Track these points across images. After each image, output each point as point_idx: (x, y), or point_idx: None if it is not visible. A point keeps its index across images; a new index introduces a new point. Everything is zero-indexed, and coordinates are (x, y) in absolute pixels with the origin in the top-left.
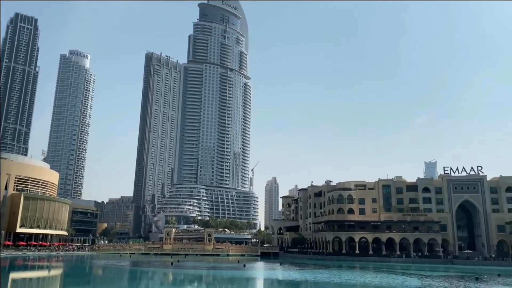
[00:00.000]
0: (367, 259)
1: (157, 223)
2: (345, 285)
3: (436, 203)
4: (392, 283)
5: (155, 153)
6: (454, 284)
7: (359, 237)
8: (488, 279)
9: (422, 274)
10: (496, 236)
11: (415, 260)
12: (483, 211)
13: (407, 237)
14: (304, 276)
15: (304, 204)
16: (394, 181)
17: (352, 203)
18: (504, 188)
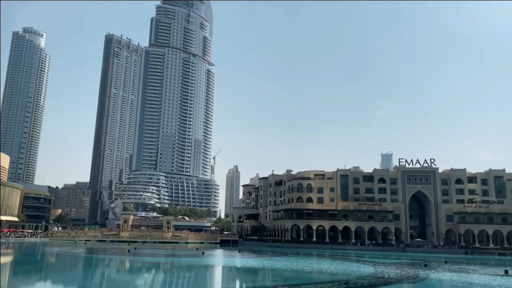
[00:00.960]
0: (323, 247)
1: (114, 210)
2: (302, 272)
3: (390, 193)
4: (347, 270)
5: (113, 138)
6: (405, 271)
7: (316, 225)
8: (436, 266)
9: (375, 261)
10: (445, 226)
11: (369, 248)
12: (434, 201)
13: (362, 225)
14: (262, 263)
15: (265, 193)
16: (351, 171)
17: (311, 192)
18: (454, 180)
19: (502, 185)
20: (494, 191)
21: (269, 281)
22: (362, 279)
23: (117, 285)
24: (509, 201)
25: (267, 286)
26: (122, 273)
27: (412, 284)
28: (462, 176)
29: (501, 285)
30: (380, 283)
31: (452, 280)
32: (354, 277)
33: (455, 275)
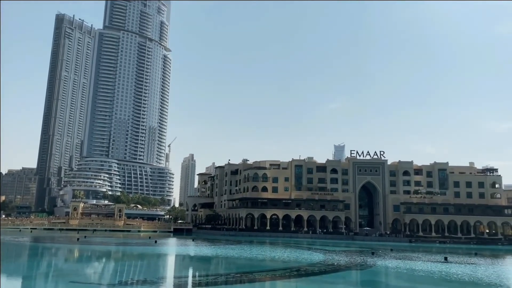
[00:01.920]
0: (277, 235)
1: (63, 197)
2: (255, 260)
3: (342, 183)
4: (299, 257)
5: (63, 123)
6: (353, 258)
7: (270, 214)
8: (383, 253)
9: (326, 249)
10: (392, 215)
11: (320, 236)
12: (382, 192)
13: (314, 214)
14: (215, 252)
15: (220, 182)
16: (306, 162)
17: (266, 181)
18: (401, 172)
19: (445, 177)
20: (437, 183)
21: (222, 269)
22: (313, 266)
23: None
24: (451, 192)
25: (220, 274)
26: (70, 262)
27: (360, 271)
28: (409, 168)
29: (441, 271)
30: (330, 270)
31: (397, 267)
32: (305, 264)
33: (400, 262)
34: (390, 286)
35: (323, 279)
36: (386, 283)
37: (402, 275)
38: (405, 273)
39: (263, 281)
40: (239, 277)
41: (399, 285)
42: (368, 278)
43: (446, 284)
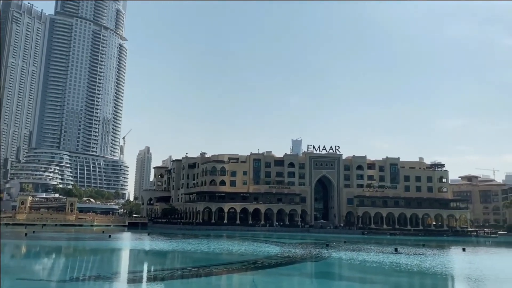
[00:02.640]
0: (234, 228)
1: (9, 191)
2: (212, 253)
3: (299, 177)
4: (256, 250)
5: (10, 112)
6: (309, 250)
7: (228, 207)
8: (337, 245)
9: (282, 241)
10: (346, 208)
11: (277, 229)
12: (337, 185)
13: (271, 207)
14: (171, 246)
15: (177, 175)
16: (264, 155)
17: (225, 175)
18: (355, 166)
19: (396, 172)
20: (389, 177)
21: (179, 263)
22: (270, 258)
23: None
24: (401, 186)
25: (176, 268)
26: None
27: (315, 262)
28: (363, 163)
29: (392, 262)
30: (286, 262)
31: (350, 258)
32: (262, 257)
33: (353, 254)
34: (344, 277)
35: (280, 271)
36: (340, 274)
37: (355, 266)
38: (358, 264)
39: (220, 275)
40: (195, 271)
41: (352, 276)
42: (322, 269)
43: (396, 275)
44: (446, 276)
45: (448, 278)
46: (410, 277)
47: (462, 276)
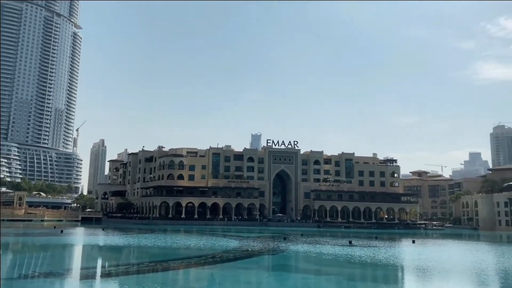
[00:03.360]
0: (192, 223)
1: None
2: (169, 248)
3: (258, 171)
4: (214, 245)
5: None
6: (266, 243)
7: (186, 202)
8: (294, 238)
9: (240, 235)
10: (303, 202)
11: (235, 223)
12: (295, 180)
13: (230, 202)
14: (127, 241)
15: (134, 169)
16: (223, 150)
17: (183, 169)
18: (313, 161)
19: (351, 167)
20: (344, 171)
21: (134, 258)
22: (228, 252)
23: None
24: (356, 181)
25: (132, 264)
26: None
27: (272, 255)
28: (320, 158)
29: (346, 254)
30: (244, 256)
31: (307, 251)
32: (220, 251)
33: (310, 247)
34: (301, 269)
35: (238, 264)
36: (297, 266)
37: (312, 259)
38: (314, 257)
39: (177, 269)
40: (152, 266)
41: (308, 268)
42: (280, 262)
43: (350, 266)
44: (398, 267)
45: (399, 269)
46: (363, 269)
47: (412, 267)
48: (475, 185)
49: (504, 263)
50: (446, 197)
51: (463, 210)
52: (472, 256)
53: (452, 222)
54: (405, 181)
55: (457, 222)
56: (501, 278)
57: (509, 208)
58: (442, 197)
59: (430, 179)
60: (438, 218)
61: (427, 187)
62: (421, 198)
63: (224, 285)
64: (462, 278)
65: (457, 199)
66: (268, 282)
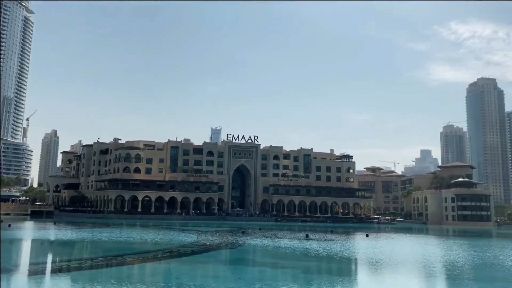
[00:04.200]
0: (149, 217)
1: None
2: (125, 242)
3: (217, 166)
4: (171, 239)
5: None
6: (225, 238)
7: (142, 195)
8: (252, 232)
9: (198, 230)
10: (262, 196)
11: (193, 217)
12: (254, 174)
13: (188, 196)
14: (80, 235)
15: (88, 161)
16: (182, 143)
17: (140, 162)
18: (272, 156)
19: (309, 162)
20: (303, 167)
21: (87, 253)
22: (185, 247)
23: None
24: (313, 176)
25: (85, 259)
26: None
27: (230, 250)
28: (279, 153)
29: (303, 247)
30: (202, 250)
31: (265, 245)
32: (178, 245)
33: (267, 240)
34: (258, 262)
35: (195, 259)
36: (254, 260)
37: (269, 252)
38: (272, 251)
39: (133, 264)
40: (107, 261)
41: (266, 262)
42: (238, 256)
43: (307, 259)
44: (352, 260)
45: (353, 262)
46: (319, 262)
47: (366, 260)
48: (425, 182)
49: (451, 256)
50: (398, 193)
51: (414, 205)
52: (422, 249)
53: (403, 217)
54: (360, 177)
55: (408, 217)
56: (447, 269)
57: (455, 204)
58: (394, 193)
59: (383, 175)
60: (391, 213)
61: (381, 183)
62: (375, 194)
63: (182, 279)
64: (412, 269)
65: (408, 194)
66: (225, 276)
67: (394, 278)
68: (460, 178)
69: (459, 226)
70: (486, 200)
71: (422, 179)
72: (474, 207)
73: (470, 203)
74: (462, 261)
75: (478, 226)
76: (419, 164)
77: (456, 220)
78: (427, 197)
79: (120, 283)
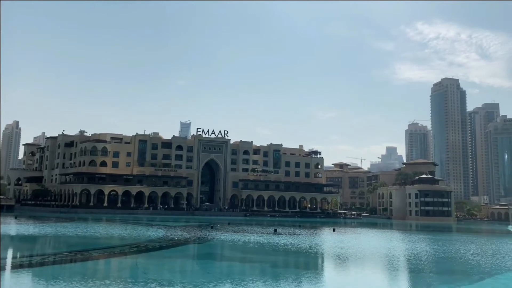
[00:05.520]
0: (115, 212)
1: None
2: (90, 237)
3: (186, 160)
4: (138, 234)
5: None
6: (193, 232)
7: (109, 190)
8: (221, 227)
9: (166, 225)
10: (231, 191)
11: (161, 212)
12: (224, 169)
13: (156, 190)
14: (43, 230)
15: (52, 154)
16: (151, 137)
17: (106, 155)
18: (242, 151)
19: (278, 157)
20: (272, 162)
21: (50, 248)
22: (153, 242)
23: None
24: (283, 171)
25: (48, 254)
26: None
27: (198, 244)
28: (249, 148)
29: (271, 242)
30: (170, 245)
31: (234, 239)
32: (145, 240)
33: (236, 235)
34: (226, 257)
35: (163, 254)
36: (223, 254)
37: (238, 247)
38: (241, 245)
39: (98, 259)
40: (71, 256)
41: (234, 256)
42: (206, 251)
43: (275, 254)
44: (319, 255)
45: (320, 256)
46: (287, 256)
47: (333, 254)
48: (390, 178)
49: (415, 250)
50: (364, 188)
51: (379, 200)
52: (387, 243)
53: (369, 212)
54: (328, 173)
55: (374, 212)
56: (412, 263)
57: (419, 199)
58: (360, 188)
59: (350, 171)
60: (357, 208)
61: (348, 179)
62: (342, 189)
63: (149, 274)
64: (378, 264)
65: (374, 190)
66: (193, 270)
67: (360, 272)
68: (424, 175)
69: (422, 221)
70: (447, 196)
71: (387, 175)
72: (436, 202)
73: (432, 199)
74: (426, 255)
75: (440, 221)
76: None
77: (419, 215)
78: (392, 193)
79: (85, 279)
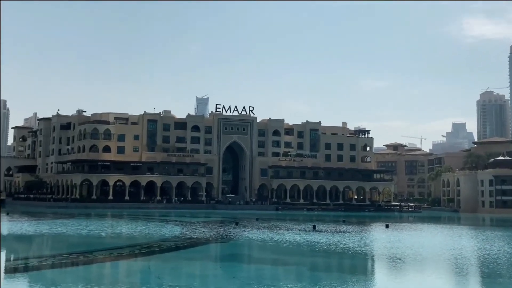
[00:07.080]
0: (121, 206)
1: None
2: (93, 236)
3: (204, 143)
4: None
5: None
6: (214, 230)
7: (114, 180)
8: (247, 223)
9: (183, 220)
10: (259, 180)
11: (176, 206)
12: (250, 154)
13: (170, 180)
14: (39, 228)
15: (46, 138)
16: (162, 116)
17: (110, 139)
18: (271, 132)
19: (316, 138)
20: (309, 144)
21: (48, 249)
22: (168, 241)
23: None
24: (322, 155)
25: (46, 256)
26: None
27: (221, 244)
28: (280, 128)
29: (309, 241)
30: (188, 245)
31: (263, 238)
32: (158, 239)
33: (266, 233)
34: (255, 259)
35: (180, 255)
36: (250, 256)
37: (269, 247)
38: (272, 245)
39: (104, 262)
40: (73, 258)
41: (265, 258)
42: (231, 251)
43: (314, 255)
44: (370, 257)
45: (371, 258)
46: (329, 258)
47: (386, 256)
48: (458, 161)
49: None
50: (424, 175)
51: (443, 189)
52: (455, 242)
53: (430, 203)
54: (378, 156)
55: (436, 203)
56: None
57: (494, 187)
58: (420, 175)
59: (407, 154)
60: (415, 199)
61: (404, 163)
62: (396, 176)
63: (164, 278)
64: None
65: (437, 176)
66: (216, 275)
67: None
68: (500, 157)
69: (498, 214)
70: None
71: (454, 157)
72: None
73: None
74: (505, 256)
75: None
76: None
77: (495, 207)
78: (460, 179)
79: (90, 285)
